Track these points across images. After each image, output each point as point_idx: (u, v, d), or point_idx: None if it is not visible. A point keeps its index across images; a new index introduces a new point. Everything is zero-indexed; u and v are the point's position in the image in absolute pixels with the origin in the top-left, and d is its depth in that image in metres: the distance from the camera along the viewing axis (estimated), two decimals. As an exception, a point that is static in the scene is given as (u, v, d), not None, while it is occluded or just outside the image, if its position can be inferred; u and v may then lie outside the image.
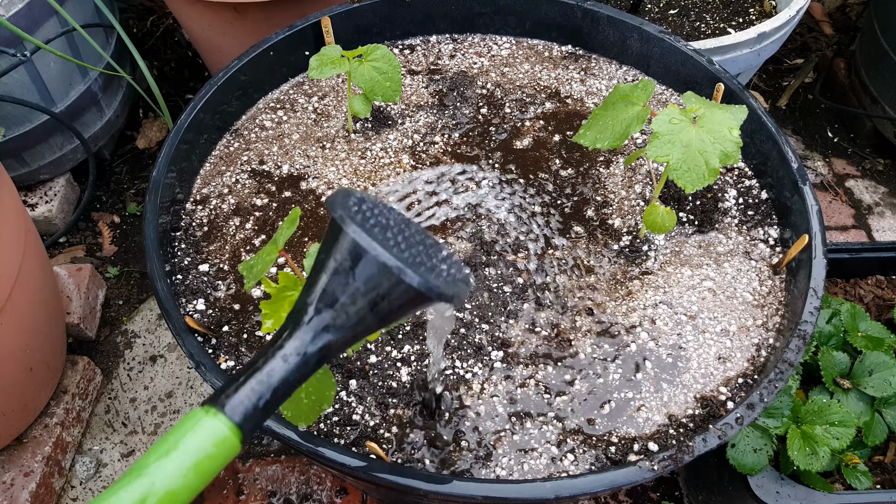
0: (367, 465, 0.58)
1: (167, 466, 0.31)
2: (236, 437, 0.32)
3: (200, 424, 0.32)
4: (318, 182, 0.87)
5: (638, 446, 0.65)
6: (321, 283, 0.35)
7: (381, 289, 0.34)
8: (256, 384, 0.33)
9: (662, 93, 0.98)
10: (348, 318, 0.34)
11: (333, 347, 0.35)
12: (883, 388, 0.89)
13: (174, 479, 0.31)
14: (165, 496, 0.30)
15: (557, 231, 0.82)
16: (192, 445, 0.31)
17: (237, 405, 0.32)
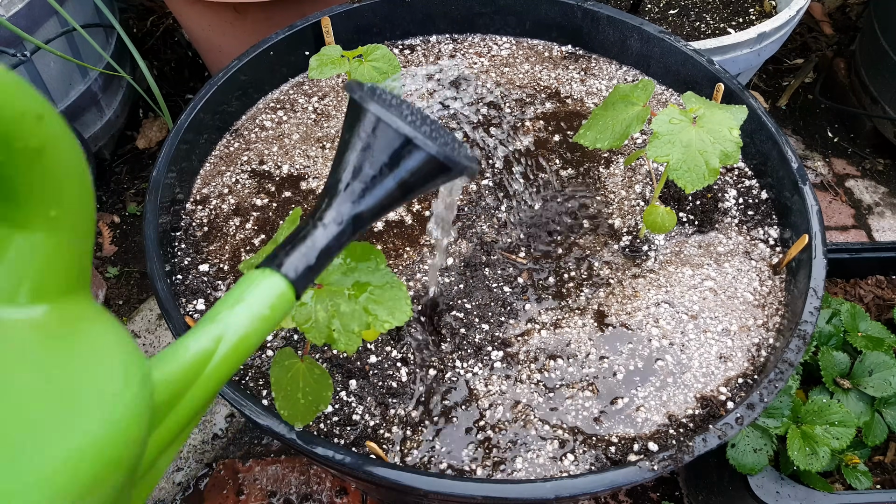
0: (367, 465, 0.58)
1: (237, 314, 0.34)
2: (291, 293, 0.36)
3: (262, 281, 0.35)
4: (318, 182, 0.87)
5: (638, 446, 0.65)
6: (348, 160, 0.39)
7: (403, 159, 0.38)
8: (305, 249, 0.37)
9: (662, 93, 0.98)
10: (375, 189, 0.39)
11: (364, 217, 0.39)
12: (883, 388, 0.89)
13: (244, 325, 0.33)
14: (237, 340, 0.33)
15: (557, 231, 0.82)
16: (257, 297, 0.34)
17: (290, 267, 0.36)
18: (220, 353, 0.32)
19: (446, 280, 0.77)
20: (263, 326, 0.34)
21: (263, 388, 0.68)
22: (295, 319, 0.48)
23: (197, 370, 0.32)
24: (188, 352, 0.32)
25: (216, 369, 0.32)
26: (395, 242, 0.81)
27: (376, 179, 0.39)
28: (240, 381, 0.68)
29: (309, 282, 0.37)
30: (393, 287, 0.49)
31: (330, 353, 0.71)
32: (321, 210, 0.39)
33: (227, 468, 1.12)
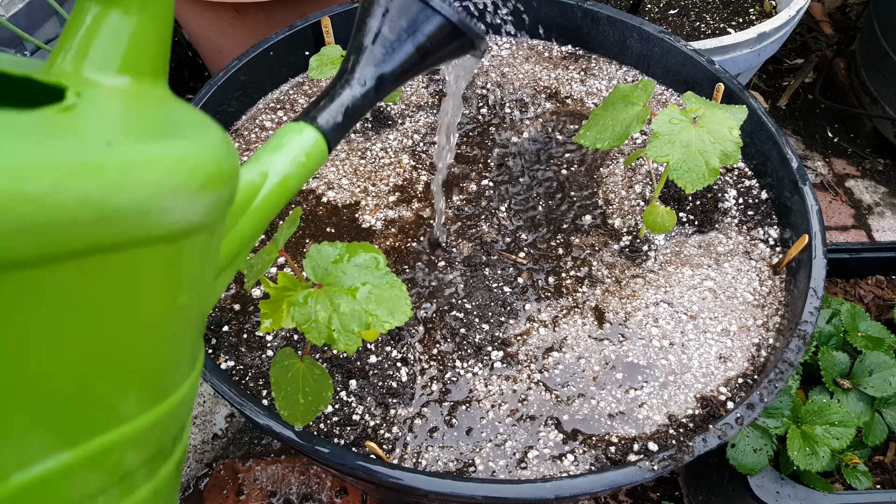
0: (367, 465, 0.58)
1: (278, 157, 0.37)
2: (324, 145, 0.40)
3: (298, 132, 0.39)
4: (318, 182, 0.87)
5: (638, 446, 0.65)
6: (370, 26, 0.42)
7: (421, 24, 0.42)
8: (335, 106, 0.41)
9: (662, 93, 0.98)
10: (395, 53, 0.42)
11: (386, 79, 0.43)
12: (883, 388, 0.89)
13: (285, 166, 0.37)
14: (280, 178, 0.37)
15: (558, 231, 0.82)
16: (296, 144, 0.38)
17: (323, 122, 0.40)
18: (266, 188, 0.36)
19: (446, 280, 0.77)
20: (300, 171, 0.38)
21: (263, 388, 0.68)
22: (295, 319, 0.48)
23: (246, 200, 0.35)
24: (239, 182, 0.35)
25: (263, 203, 0.36)
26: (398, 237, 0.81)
27: (396, 44, 0.42)
28: (240, 381, 0.68)
29: (338, 138, 0.41)
30: (393, 287, 0.49)
31: (330, 353, 0.71)
32: (346, 72, 0.42)
33: (227, 468, 1.12)
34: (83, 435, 0.21)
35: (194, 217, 0.23)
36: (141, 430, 0.23)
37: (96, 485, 0.22)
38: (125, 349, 0.22)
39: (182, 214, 0.22)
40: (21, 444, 0.19)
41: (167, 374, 0.25)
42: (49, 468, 0.20)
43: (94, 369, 0.21)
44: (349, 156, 0.90)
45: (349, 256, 0.50)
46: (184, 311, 0.25)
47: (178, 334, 0.25)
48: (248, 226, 0.35)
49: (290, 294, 0.51)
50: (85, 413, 0.21)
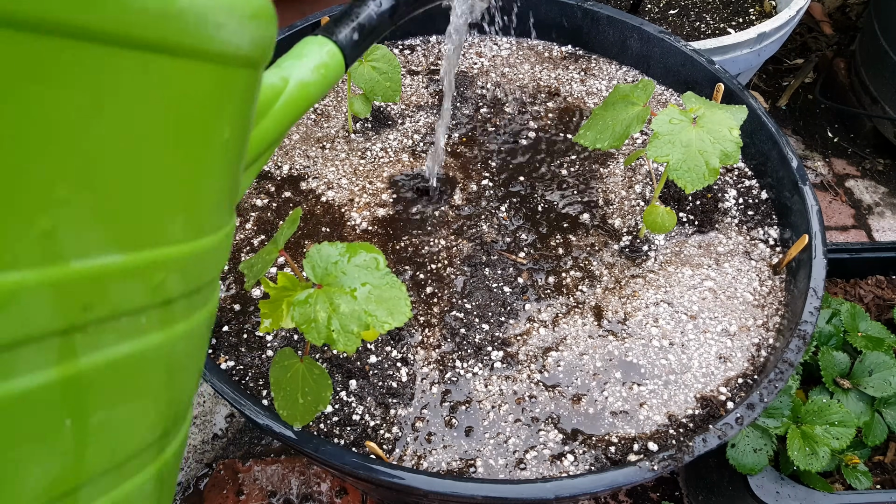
0: (367, 464, 0.58)
1: (299, 65, 0.39)
2: (342, 59, 0.42)
3: (318, 44, 0.41)
4: (317, 182, 0.87)
5: (638, 446, 0.65)
6: None
7: None
8: (354, 25, 0.43)
9: (662, 93, 0.98)
10: None
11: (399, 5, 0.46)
12: (883, 388, 0.89)
13: (305, 73, 0.40)
14: (300, 83, 0.39)
15: (558, 231, 0.82)
16: (316, 54, 0.40)
17: (342, 37, 0.42)
18: (287, 92, 0.38)
19: (446, 279, 0.77)
20: (320, 81, 0.40)
21: (263, 388, 0.68)
22: (295, 320, 0.48)
23: (269, 100, 0.37)
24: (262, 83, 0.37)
25: (284, 105, 0.38)
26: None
27: None
28: (240, 381, 0.68)
29: (355, 55, 0.43)
30: (393, 287, 0.49)
31: (329, 353, 0.71)
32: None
33: (227, 468, 1.12)
34: (134, 243, 0.23)
35: (242, 44, 0.25)
36: (183, 257, 0.26)
37: (141, 299, 0.24)
38: (174, 162, 0.24)
39: (233, 36, 0.24)
40: (80, 233, 0.21)
41: (207, 209, 0.27)
42: (102, 264, 0.22)
43: (148, 173, 0.23)
44: (349, 156, 0.90)
45: (349, 256, 0.50)
46: (227, 148, 0.27)
47: (219, 171, 0.27)
48: (271, 125, 0.37)
49: (289, 294, 0.51)
50: (137, 221, 0.23)
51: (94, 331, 0.23)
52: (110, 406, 0.25)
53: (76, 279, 0.21)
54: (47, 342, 0.21)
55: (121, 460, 0.26)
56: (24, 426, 0.21)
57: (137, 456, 0.27)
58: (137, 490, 0.28)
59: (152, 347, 0.26)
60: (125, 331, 0.24)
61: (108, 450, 0.25)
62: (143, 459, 0.28)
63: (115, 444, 0.26)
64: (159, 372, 0.27)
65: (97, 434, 0.24)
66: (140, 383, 0.26)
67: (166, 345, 0.26)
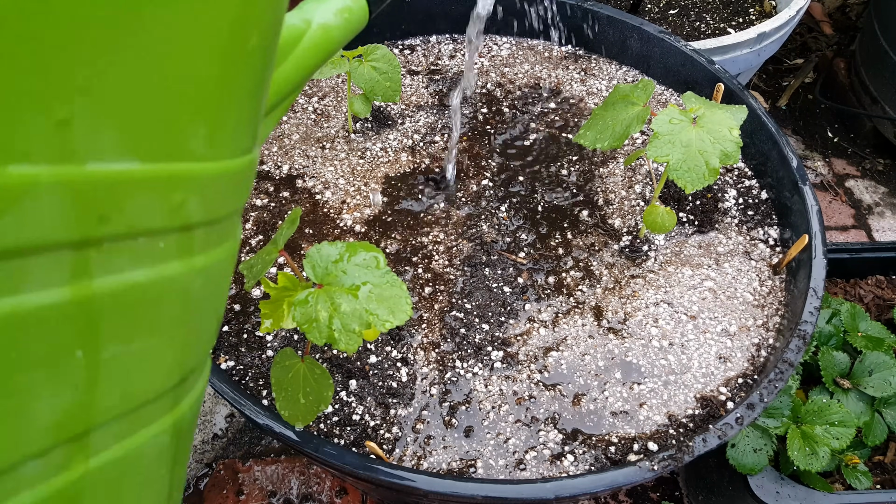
0: (367, 464, 0.58)
1: (322, 7, 0.39)
2: (366, 4, 0.41)
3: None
4: (317, 182, 0.87)
5: (638, 446, 0.65)
6: None
7: None
8: None
9: (662, 93, 0.98)
10: None
11: None
12: (883, 388, 0.89)
13: (328, 16, 0.39)
14: (322, 26, 0.38)
15: (558, 231, 0.82)
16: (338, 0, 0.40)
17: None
18: (309, 34, 0.37)
19: (445, 279, 0.77)
20: (343, 25, 0.39)
21: (263, 388, 0.68)
22: (296, 319, 0.48)
23: (291, 41, 0.36)
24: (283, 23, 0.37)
25: (307, 48, 0.37)
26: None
27: None
28: (240, 381, 0.68)
29: (377, 5, 0.42)
30: (393, 286, 0.49)
31: (330, 352, 0.71)
32: None
33: (227, 468, 1.12)
34: (154, 153, 0.22)
35: None
36: (204, 178, 0.24)
37: (159, 219, 0.23)
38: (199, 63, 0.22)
39: None
40: (97, 132, 0.20)
41: (230, 126, 0.26)
42: (120, 170, 0.21)
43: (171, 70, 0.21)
44: (349, 156, 0.90)
45: (349, 256, 0.50)
46: (252, 57, 0.25)
47: (244, 82, 0.26)
48: (292, 68, 0.36)
49: (290, 294, 0.51)
50: (157, 127, 0.22)
51: (109, 249, 0.21)
52: (124, 340, 0.23)
53: (92, 184, 0.20)
54: (60, 255, 0.20)
55: (135, 405, 0.25)
56: (33, 350, 0.20)
57: (152, 402, 0.26)
58: (152, 441, 0.26)
59: (170, 278, 0.24)
60: (142, 254, 0.22)
61: (121, 391, 0.24)
62: (158, 407, 0.26)
63: (129, 386, 0.24)
64: (176, 308, 0.25)
65: (110, 371, 0.23)
66: (156, 318, 0.24)
67: (184, 278, 0.25)
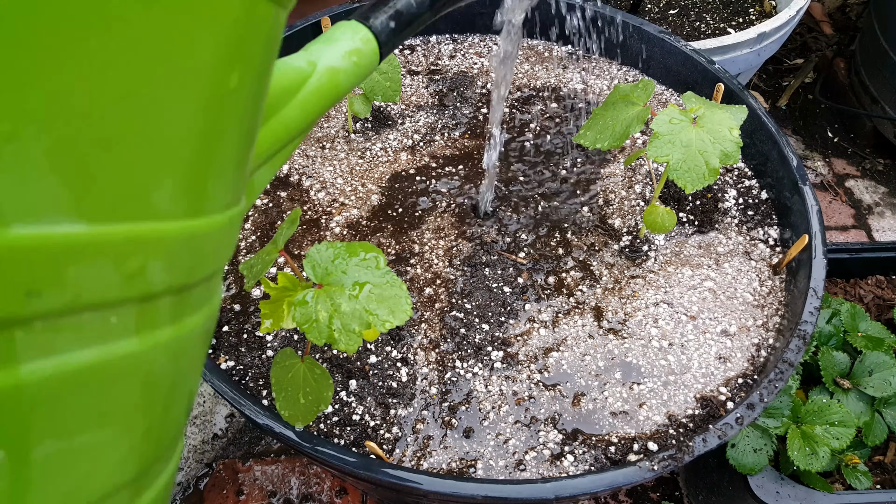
0: (367, 465, 0.58)
1: (329, 49, 0.37)
2: (377, 48, 0.39)
3: (352, 30, 0.38)
4: (316, 182, 0.87)
5: (638, 446, 0.65)
6: None
7: None
8: (392, 13, 0.41)
9: (662, 93, 0.98)
10: None
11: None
12: (883, 388, 0.89)
13: (335, 59, 0.36)
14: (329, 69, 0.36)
15: (558, 231, 0.82)
16: (348, 40, 0.38)
17: (377, 25, 0.40)
18: (315, 77, 0.35)
19: (446, 278, 0.77)
20: (352, 69, 0.37)
21: (263, 388, 0.68)
22: (296, 320, 0.48)
23: (293, 84, 0.34)
24: (285, 65, 0.34)
25: (311, 93, 0.35)
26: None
27: None
28: (240, 381, 0.68)
29: (390, 47, 0.41)
30: (393, 286, 0.49)
31: (329, 353, 0.71)
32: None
33: (227, 468, 1.12)
34: (105, 213, 0.18)
35: None
36: (171, 239, 0.20)
37: (110, 290, 0.18)
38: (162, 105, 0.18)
39: None
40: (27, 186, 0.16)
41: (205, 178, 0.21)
42: (58, 234, 0.16)
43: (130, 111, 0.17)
44: (348, 156, 0.90)
45: (349, 256, 0.50)
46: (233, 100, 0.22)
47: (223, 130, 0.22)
48: (296, 113, 0.35)
49: (290, 294, 0.51)
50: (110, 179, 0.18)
51: (43, 329, 0.17)
52: (64, 435, 0.18)
53: (17, 251, 0.16)
54: None
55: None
56: None
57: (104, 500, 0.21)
58: None
59: (126, 357, 0.20)
60: (88, 332, 0.18)
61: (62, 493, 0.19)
62: None
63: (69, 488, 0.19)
64: (134, 393, 0.21)
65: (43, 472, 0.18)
66: (107, 407, 0.20)
67: (145, 356, 0.20)
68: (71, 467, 0.19)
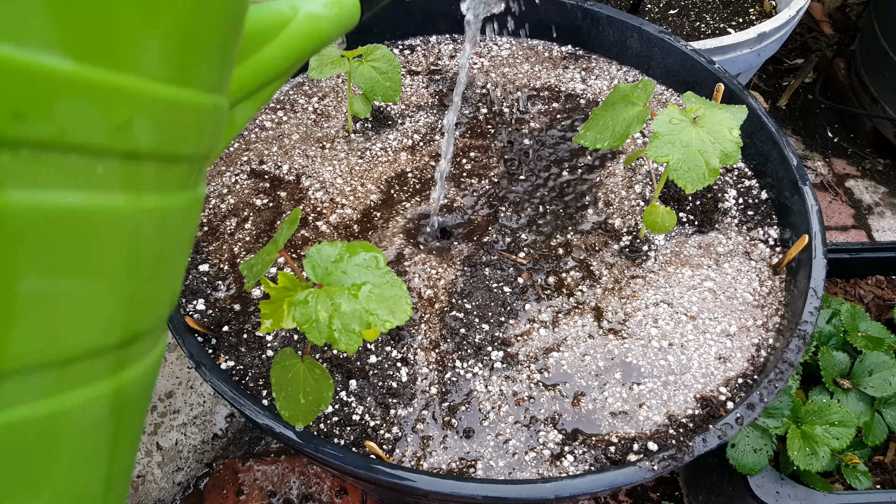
0: (367, 465, 0.58)
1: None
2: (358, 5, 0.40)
3: None
4: (316, 182, 0.87)
5: (638, 446, 0.65)
6: None
7: None
8: None
9: (662, 93, 0.98)
10: None
11: None
12: (883, 388, 0.89)
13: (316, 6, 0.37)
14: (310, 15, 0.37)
15: (558, 231, 0.82)
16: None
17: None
18: (296, 22, 0.36)
19: (445, 279, 0.77)
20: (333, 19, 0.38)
21: (263, 388, 0.68)
22: (296, 320, 0.48)
23: (273, 26, 0.35)
24: (267, 6, 0.35)
25: (291, 36, 0.36)
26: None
27: None
28: (240, 381, 0.68)
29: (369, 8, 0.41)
30: (393, 286, 0.49)
31: (330, 353, 0.71)
32: None
33: (227, 468, 1.12)
34: (91, 55, 0.18)
35: None
36: (158, 100, 0.21)
37: (96, 134, 0.19)
38: None
39: None
40: (11, 7, 0.16)
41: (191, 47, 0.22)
42: (44, 63, 0.17)
43: None
44: (348, 156, 0.90)
45: (349, 256, 0.50)
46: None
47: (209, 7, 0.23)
48: (275, 53, 0.36)
49: (290, 294, 0.51)
50: (97, 23, 0.18)
51: (31, 159, 0.18)
52: (51, 273, 0.19)
53: (3, 70, 0.16)
54: None
55: (62, 356, 0.21)
56: None
57: (86, 359, 0.22)
58: (84, 407, 0.22)
59: (111, 211, 0.20)
60: (75, 174, 0.19)
61: (44, 334, 0.20)
62: (94, 368, 0.22)
63: (54, 330, 0.20)
64: (120, 250, 0.21)
65: (28, 309, 0.19)
66: (93, 255, 0.20)
67: (131, 216, 0.21)
68: (56, 312, 0.20)
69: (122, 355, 0.24)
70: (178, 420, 1.18)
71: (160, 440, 1.16)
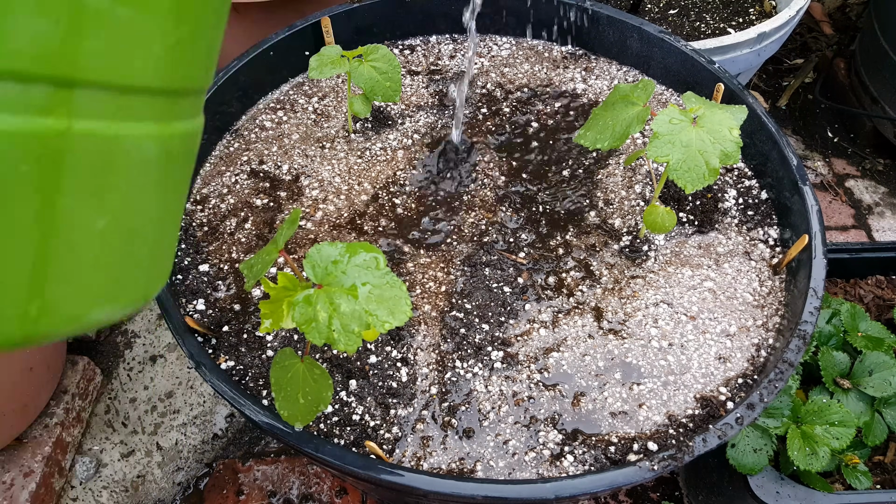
0: (367, 465, 0.58)
1: None
2: None
3: None
4: (316, 182, 0.87)
5: (638, 446, 0.65)
6: None
7: None
8: None
9: (662, 93, 0.98)
10: None
11: None
12: (883, 388, 0.89)
13: None
14: None
15: (558, 231, 0.82)
16: None
17: None
18: None
19: (445, 279, 0.77)
20: None
21: (263, 388, 0.68)
22: (295, 320, 0.48)
23: None
24: None
25: None
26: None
27: None
28: (240, 381, 0.68)
29: None
30: (393, 287, 0.49)
31: (329, 353, 0.71)
32: None
33: (227, 468, 1.12)
34: None
35: None
36: None
37: None
38: None
39: None
40: None
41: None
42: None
43: None
44: (348, 156, 0.90)
45: (349, 256, 0.50)
46: None
47: None
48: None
49: (290, 294, 0.51)
50: None
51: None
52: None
53: None
54: None
55: (120, 82, 0.23)
56: None
57: (138, 94, 0.24)
58: (137, 144, 0.25)
59: None
60: None
61: (107, 55, 0.22)
62: (144, 106, 0.25)
63: (115, 54, 0.23)
64: None
65: (95, 24, 0.21)
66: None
67: None
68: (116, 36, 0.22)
69: (166, 106, 0.26)
70: (179, 420, 1.18)
71: (160, 440, 1.16)
